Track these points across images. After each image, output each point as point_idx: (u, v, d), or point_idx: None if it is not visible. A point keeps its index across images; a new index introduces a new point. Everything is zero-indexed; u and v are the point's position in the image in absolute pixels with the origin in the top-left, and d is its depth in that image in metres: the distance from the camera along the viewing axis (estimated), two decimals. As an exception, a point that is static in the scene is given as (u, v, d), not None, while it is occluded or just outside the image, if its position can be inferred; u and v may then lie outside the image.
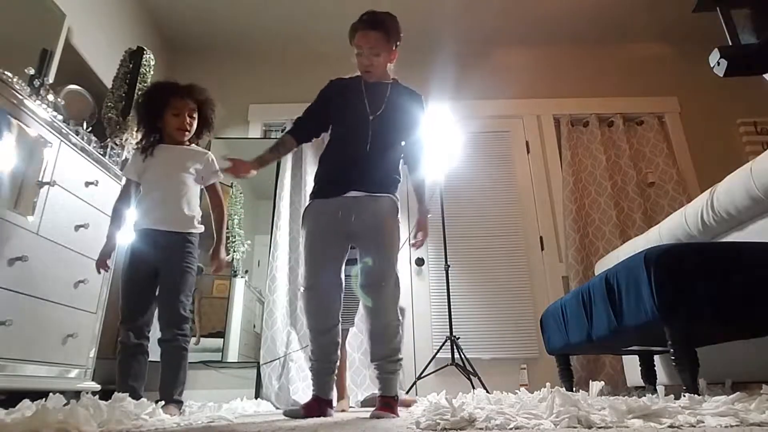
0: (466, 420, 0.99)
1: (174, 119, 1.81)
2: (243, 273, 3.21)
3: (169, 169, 1.80)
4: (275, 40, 3.68)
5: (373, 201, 1.71)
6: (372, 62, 1.77)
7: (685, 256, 1.50)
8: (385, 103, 1.79)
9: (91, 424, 1.03)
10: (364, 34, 1.75)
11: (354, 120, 1.78)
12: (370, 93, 1.81)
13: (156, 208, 1.77)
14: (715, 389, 1.59)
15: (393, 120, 1.79)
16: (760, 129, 3.55)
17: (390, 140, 1.79)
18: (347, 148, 1.76)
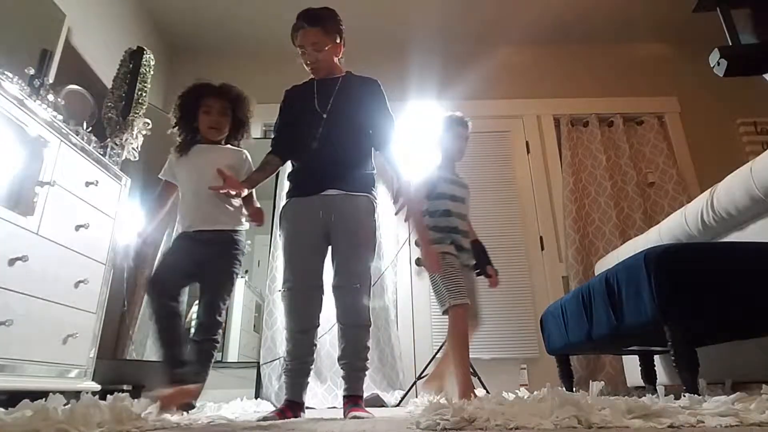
0: (466, 420, 0.99)
1: (205, 117, 1.82)
2: (243, 273, 3.21)
3: (204, 168, 1.78)
4: (275, 40, 3.67)
5: (349, 200, 1.71)
6: (316, 58, 1.77)
7: (685, 256, 1.50)
8: (334, 96, 1.78)
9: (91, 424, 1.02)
10: (303, 32, 1.75)
11: (308, 120, 1.77)
12: (321, 91, 1.80)
13: (194, 209, 1.77)
14: (715, 389, 1.59)
15: (345, 112, 1.77)
16: (760, 129, 3.55)
17: (347, 133, 1.76)
18: (308, 147, 1.75)
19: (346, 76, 1.85)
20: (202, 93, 1.83)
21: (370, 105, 1.81)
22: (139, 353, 2.72)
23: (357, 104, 1.79)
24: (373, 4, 3.41)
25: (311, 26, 1.74)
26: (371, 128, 1.81)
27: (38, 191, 1.70)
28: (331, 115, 1.75)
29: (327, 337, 2.93)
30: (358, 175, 1.76)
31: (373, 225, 1.76)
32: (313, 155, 1.74)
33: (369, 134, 1.81)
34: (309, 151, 1.74)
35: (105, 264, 2.09)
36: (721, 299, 1.41)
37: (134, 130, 2.43)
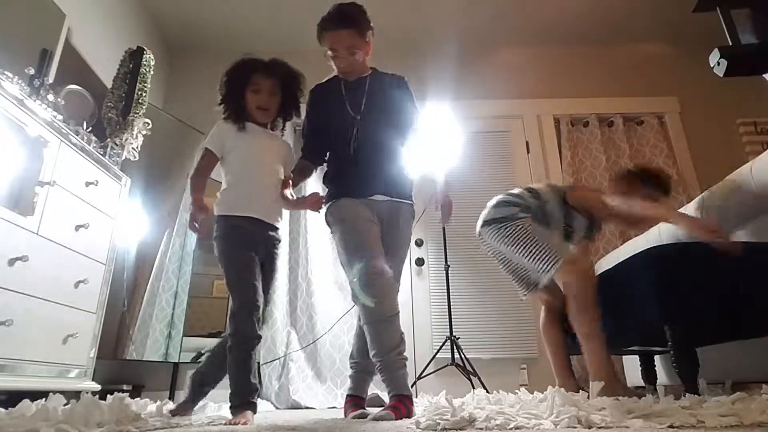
0: (466, 420, 0.99)
1: (254, 97, 1.66)
2: (243, 273, 3.20)
3: (267, 156, 1.67)
4: (275, 40, 3.68)
5: (396, 207, 1.70)
6: (350, 62, 1.71)
7: (684, 256, 1.50)
8: (365, 98, 1.73)
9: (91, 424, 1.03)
10: (335, 34, 1.67)
11: (340, 123, 1.72)
12: (350, 92, 1.74)
13: (259, 196, 1.62)
14: (715, 389, 1.59)
15: (379, 115, 1.73)
16: (760, 129, 3.55)
17: (384, 136, 1.73)
18: (346, 152, 1.71)
19: (374, 74, 1.81)
20: (250, 70, 1.68)
21: (400, 105, 1.79)
22: (139, 353, 2.72)
23: (389, 105, 1.76)
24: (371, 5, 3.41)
25: (345, 28, 1.65)
26: (402, 129, 1.79)
27: (38, 191, 1.70)
28: (365, 117, 1.71)
29: (327, 338, 2.93)
30: (400, 181, 1.74)
31: (410, 230, 1.78)
32: (353, 159, 1.70)
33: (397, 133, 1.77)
34: (347, 155, 1.71)
35: (105, 264, 2.09)
36: (721, 299, 1.42)
37: (134, 130, 2.43)
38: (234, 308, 1.51)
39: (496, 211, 1.91)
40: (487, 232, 1.92)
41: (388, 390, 1.52)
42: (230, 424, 1.35)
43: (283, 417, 1.83)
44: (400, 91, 1.81)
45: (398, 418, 1.38)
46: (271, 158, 1.68)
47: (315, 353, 2.90)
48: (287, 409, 2.67)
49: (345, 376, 2.85)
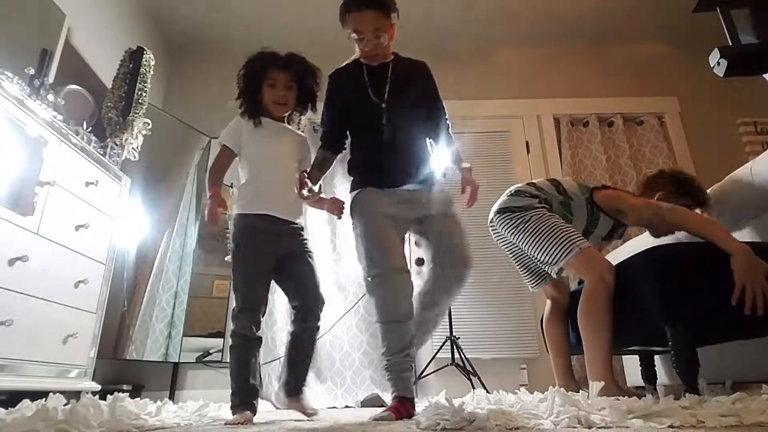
0: (466, 420, 0.99)
1: (270, 91, 1.65)
2: (243, 273, 3.20)
3: (283, 150, 1.66)
4: (275, 40, 3.67)
5: (432, 196, 1.67)
6: (375, 45, 1.64)
7: (685, 256, 1.50)
8: (389, 84, 1.68)
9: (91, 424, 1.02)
10: (360, 15, 1.59)
11: (363, 110, 1.68)
12: (372, 78, 1.69)
13: (275, 192, 1.60)
14: (715, 389, 1.59)
15: (404, 102, 1.68)
16: (760, 129, 3.55)
17: (409, 124, 1.68)
18: (370, 139, 1.67)
19: (396, 59, 1.76)
20: (266, 64, 1.67)
21: (424, 91, 1.75)
22: (139, 353, 2.72)
23: (413, 91, 1.71)
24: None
25: (371, 8, 1.57)
26: (427, 116, 1.75)
27: (38, 191, 1.70)
28: (390, 104, 1.65)
29: (327, 338, 2.93)
30: (428, 169, 1.70)
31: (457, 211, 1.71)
32: (379, 147, 1.65)
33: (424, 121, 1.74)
34: (372, 143, 1.67)
35: (105, 264, 2.09)
36: (721, 299, 1.41)
37: (134, 130, 2.43)
38: (236, 309, 1.52)
39: (513, 200, 1.85)
40: (499, 221, 1.86)
41: (392, 390, 1.53)
42: (229, 424, 1.35)
43: (283, 417, 1.82)
44: (424, 77, 1.77)
45: (398, 419, 1.38)
46: (288, 153, 1.67)
47: (315, 353, 2.90)
48: (287, 409, 2.66)
49: (345, 376, 2.85)
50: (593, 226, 1.87)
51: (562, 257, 1.68)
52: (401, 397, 1.48)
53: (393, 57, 1.76)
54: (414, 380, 1.79)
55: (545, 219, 1.75)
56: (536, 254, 1.77)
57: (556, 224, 1.73)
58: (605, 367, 1.56)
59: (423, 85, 1.76)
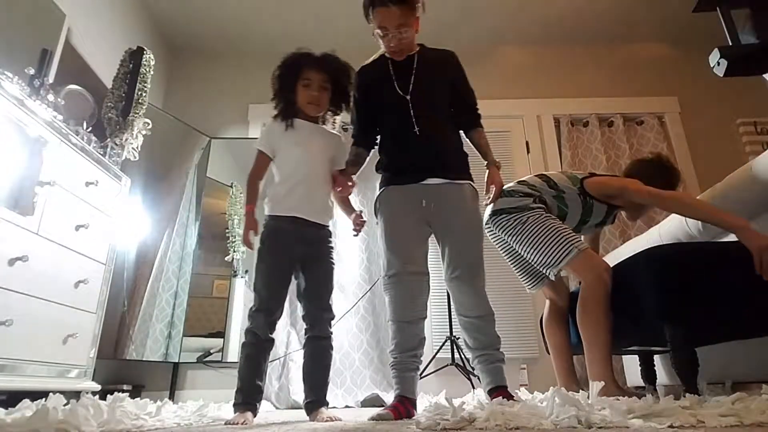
0: (466, 420, 0.99)
1: (304, 91, 1.65)
2: (243, 273, 3.21)
3: (313, 151, 1.66)
4: (275, 40, 3.68)
5: (454, 189, 1.62)
6: (400, 40, 1.64)
7: (685, 256, 1.51)
8: (414, 77, 1.67)
9: (91, 424, 1.03)
10: (385, 11, 1.58)
11: (389, 104, 1.68)
12: (398, 71, 1.69)
13: (302, 194, 1.61)
14: (715, 389, 1.59)
15: (429, 94, 1.67)
16: (760, 129, 3.55)
17: (435, 116, 1.67)
18: (398, 134, 1.67)
19: (422, 51, 1.75)
20: (301, 64, 1.67)
21: (451, 81, 1.73)
22: (139, 353, 2.72)
23: (438, 82, 1.70)
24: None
25: (396, 4, 1.57)
26: (455, 106, 1.73)
27: (38, 191, 1.70)
28: (414, 97, 1.65)
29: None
30: (456, 161, 1.67)
31: (480, 212, 1.68)
32: (403, 142, 1.65)
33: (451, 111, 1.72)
34: (397, 137, 1.66)
35: (105, 264, 2.09)
36: (721, 298, 1.41)
37: (134, 130, 2.43)
38: (252, 309, 1.55)
39: (508, 201, 1.82)
40: (496, 223, 1.85)
41: (394, 388, 1.54)
42: (229, 423, 1.35)
43: (283, 417, 1.83)
44: (450, 66, 1.76)
45: (397, 419, 1.38)
46: (320, 154, 1.67)
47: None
48: (287, 409, 2.67)
49: (345, 375, 2.85)
50: (588, 215, 1.89)
51: (560, 259, 1.68)
52: (402, 396, 1.49)
53: (419, 48, 1.75)
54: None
55: (542, 220, 1.75)
56: (534, 257, 1.76)
57: (553, 225, 1.73)
58: (605, 367, 1.57)
59: (450, 74, 1.74)
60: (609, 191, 1.84)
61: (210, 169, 3.36)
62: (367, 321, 3.03)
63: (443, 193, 1.61)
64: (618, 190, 1.82)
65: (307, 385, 1.58)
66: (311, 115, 1.69)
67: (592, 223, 1.92)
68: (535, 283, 1.99)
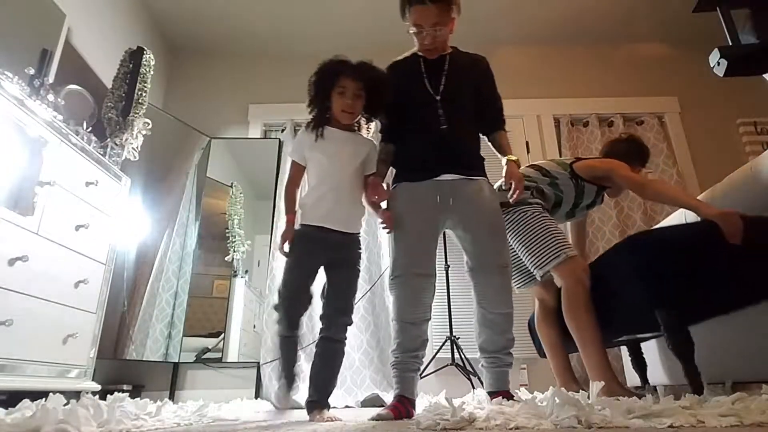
0: (466, 420, 0.99)
1: (339, 99, 1.66)
2: (243, 273, 3.21)
3: (342, 159, 1.67)
4: (275, 40, 3.68)
5: (470, 184, 1.63)
6: (434, 39, 1.66)
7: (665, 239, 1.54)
8: (445, 77, 1.69)
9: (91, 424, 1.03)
10: (421, 9, 1.61)
11: (418, 102, 1.69)
12: (429, 70, 1.71)
13: (329, 204, 1.63)
14: (715, 389, 1.59)
15: (458, 94, 1.69)
16: (760, 129, 3.55)
17: (460, 115, 1.68)
18: (423, 131, 1.68)
19: (454, 53, 1.77)
20: (338, 72, 1.68)
21: (479, 86, 1.74)
22: (139, 353, 2.72)
23: (467, 85, 1.72)
24: (370, 6, 3.41)
25: (433, 2, 1.60)
26: (481, 110, 1.75)
27: (38, 191, 1.70)
28: (444, 96, 1.67)
29: (327, 337, 2.93)
30: (473, 159, 1.69)
31: (498, 206, 1.68)
32: (429, 139, 1.66)
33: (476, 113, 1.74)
34: (423, 134, 1.67)
35: (105, 264, 2.09)
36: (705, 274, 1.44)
37: (134, 130, 2.43)
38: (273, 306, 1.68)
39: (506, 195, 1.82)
40: None
41: (394, 388, 1.55)
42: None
43: (283, 417, 1.83)
44: (480, 71, 1.77)
45: (397, 418, 1.39)
46: (350, 161, 1.68)
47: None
48: (287, 409, 2.67)
49: (345, 375, 2.85)
50: (581, 197, 1.97)
51: (549, 262, 1.72)
52: (402, 396, 1.49)
53: (451, 50, 1.77)
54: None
55: (539, 219, 1.79)
56: (526, 255, 1.80)
57: (548, 227, 1.77)
58: (602, 365, 1.59)
59: (479, 79, 1.76)
60: (597, 173, 1.94)
61: (210, 169, 3.36)
62: (367, 321, 3.03)
63: (458, 187, 1.62)
64: (605, 171, 1.93)
65: (312, 385, 1.59)
66: (344, 123, 1.70)
67: (584, 204, 2.00)
68: (524, 282, 2.01)
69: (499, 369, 1.55)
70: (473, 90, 1.73)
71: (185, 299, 3.00)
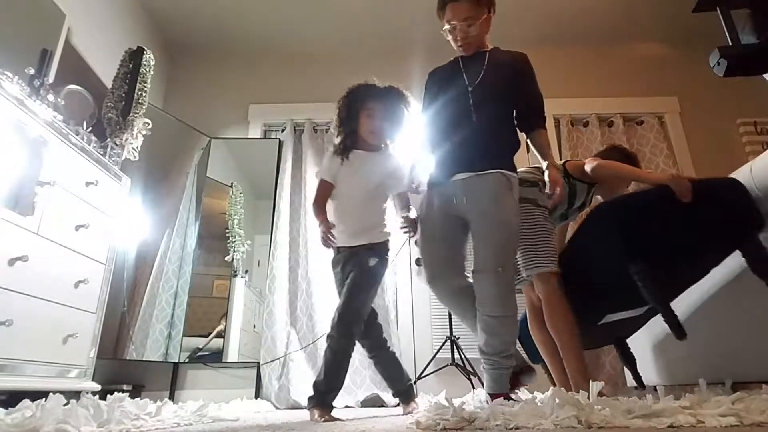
0: (466, 420, 0.99)
1: (367, 122, 1.77)
2: (243, 273, 3.21)
3: (365, 180, 1.78)
4: (275, 40, 3.68)
5: (480, 180, 1.61)
6: (467, 34, 1.71)
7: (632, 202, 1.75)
8: (483, 70, 1.71)
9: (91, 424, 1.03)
10: (454, 5, 1.69)
11: (454, 95, 1.72)
12: (468, 66, 1.75)
13: (352, 224, 1.77)
14: (715, 389, 1.59)
15: (494, 84, 1.69)
16: (760, 129, 3.55)
17: (494, 106, 1.69)
18: (451, 125, 1.70)
19: (494, 50, 1.80)
20: (365, 96, 1.79)
21: (516, 78, 1.74)
22: (139, 353, 2.72)
23: (505, 79, 1.72)
24: (371, 7, 3.41)
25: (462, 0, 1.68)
26: (517, 106, 1.75)
27: (38, 191, 1.70)
28: (477, 88, 1.70)
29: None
30: (489, 152, 1.66)
31: (508, 201, 1.61)
32: (450, 136, 1.69)
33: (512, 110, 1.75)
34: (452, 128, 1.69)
35: (105, 264, 2.09)
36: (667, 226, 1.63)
37: (134, 130, 2.43)
38: None
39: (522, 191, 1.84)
40: None
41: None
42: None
43: (283, 417, 1.83)
44: (520, 67, 1.78)
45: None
46: (374, 179, 1.79)
47: (315, 353, 2.90)
48: (287, 409, 2.67)
49: (345, 376, 2.85)
50: (573, 197, 2.05)
51: (537, 266, 1.80)
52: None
53: (491, 48, 1.81)
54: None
55: (542, 225, 1.86)
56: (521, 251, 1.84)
57: (548, 236, 1.85)
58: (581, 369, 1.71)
59: (518, 75, 1.77)
60: (581, 169, 2.03)
61: (210, 169, 3.36)
62: (367, 321, 3.02)
63: (469, 186, 1.64)
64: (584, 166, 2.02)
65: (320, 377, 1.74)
66: (372, 143, 1.81)
67: (576, 205, 2.08)
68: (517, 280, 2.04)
69: (496, 371, 1.55)
70: (511, 85, 1.73)
71: (185, 299, 3.00)
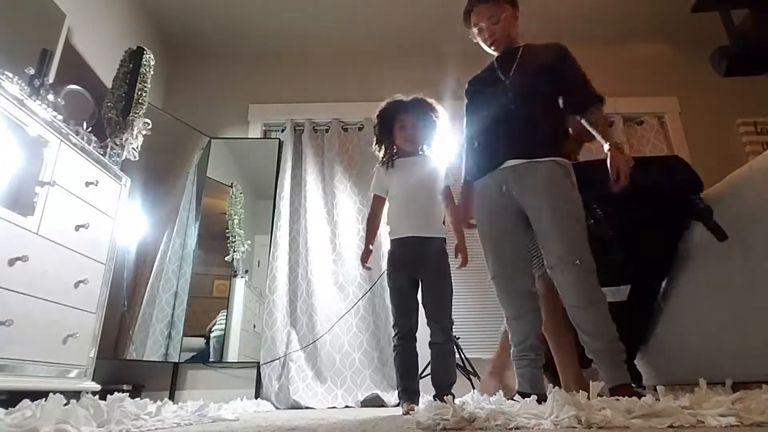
0: (466, 420, 0.99)
1: (401, 132, 1.96)
2: (243, 273, 3.21)
3: (412, 179, 1.93)
4: (275, 40, 3.68)
5: (533, 167, 1.59)
6: (493, 31, 1.77)
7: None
8: (517, 61, 1.75)
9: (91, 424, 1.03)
10: (476, 10, 1.79)
11: (491, 89, 1.77)
12: (503, 63, 1.81)
13: (410, 217, 1.88)
14: (715, 389, 1.59)
15: (527, 75, 1.71)
16: (760, 129, 3.55)
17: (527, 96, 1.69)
18: (492, 117, 1.74)
19: (528, 45, 1.84)
20: (396, 110, 1.98)
21: (553, 62, 1.73)
22: (139, 353, 2.72)
23: (539, 67, 1.73)
24: (373, 7, 3.41)
25: (483, 2, 1.77)
26: (561, 92, 1.76)
27: (38, 191, 1.70)
28: (513, 79, 1.73)
29: (327, 337, 2.93)
30: (539, 139, 1.63)
31: (569, 190, 1.57)
32: (492, 126, 1.72)
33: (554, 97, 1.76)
34: (492, 119, 1.72)
35: (105, 264, 2.09)
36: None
37: (134, 130, 2.43)
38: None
39: None
40: None
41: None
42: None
43: (283, 417, 1.83)
44: (555, 53, 1.77)
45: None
46: (419, 179, 1.94)
47: (315, 353, 2.90)
48: (287, 409, 2.67)
49: (345, 376, 2.85)
50: None
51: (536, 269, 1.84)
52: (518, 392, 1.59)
53: (524, 44, 1.85)
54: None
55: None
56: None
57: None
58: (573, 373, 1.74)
59: (556, 61, 1.75)
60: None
61: (210, 169, 3.36)
62: (367, 321, 3.03)
63: (520, 173, 1.62)
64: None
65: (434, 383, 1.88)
66: (409, 150, 1.98)
67: None
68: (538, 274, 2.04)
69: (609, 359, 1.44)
70: (548, 72, 1.72)
71: (185, 299, 3.00)
